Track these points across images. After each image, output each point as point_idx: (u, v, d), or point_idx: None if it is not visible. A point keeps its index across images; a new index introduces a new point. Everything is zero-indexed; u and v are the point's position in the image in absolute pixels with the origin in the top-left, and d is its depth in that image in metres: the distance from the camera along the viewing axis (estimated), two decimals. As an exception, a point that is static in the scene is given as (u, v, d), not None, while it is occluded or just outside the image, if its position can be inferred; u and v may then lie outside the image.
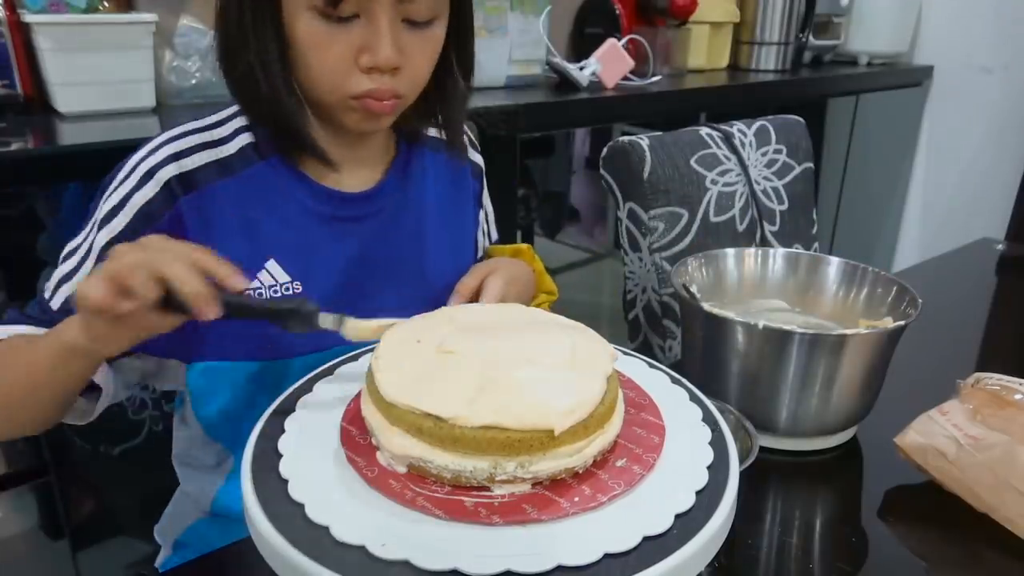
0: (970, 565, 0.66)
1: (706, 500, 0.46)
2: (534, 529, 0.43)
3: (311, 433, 0.52)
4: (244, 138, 0.71)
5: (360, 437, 0.51)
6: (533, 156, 2.21)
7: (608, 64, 1.75)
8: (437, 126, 0.81)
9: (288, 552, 0.41)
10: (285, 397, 0.56)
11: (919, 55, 2.46)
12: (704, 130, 1.33)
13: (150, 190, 0.67)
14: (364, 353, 0.63)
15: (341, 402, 0.55)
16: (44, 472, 1.21)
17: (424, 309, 0.59)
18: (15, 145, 1.00)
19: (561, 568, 0.40)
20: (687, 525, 0.44)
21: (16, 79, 1.18)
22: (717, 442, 0.52)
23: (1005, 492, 0.67)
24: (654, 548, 0.42)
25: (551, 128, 1.88)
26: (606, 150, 1.25)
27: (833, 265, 0.92)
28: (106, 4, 1.21)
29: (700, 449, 0.51)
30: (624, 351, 0.63)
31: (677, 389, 0.59)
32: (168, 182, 0.67)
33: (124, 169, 0.69)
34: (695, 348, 0.83)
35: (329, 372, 0.60)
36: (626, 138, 1.22)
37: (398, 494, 0.45)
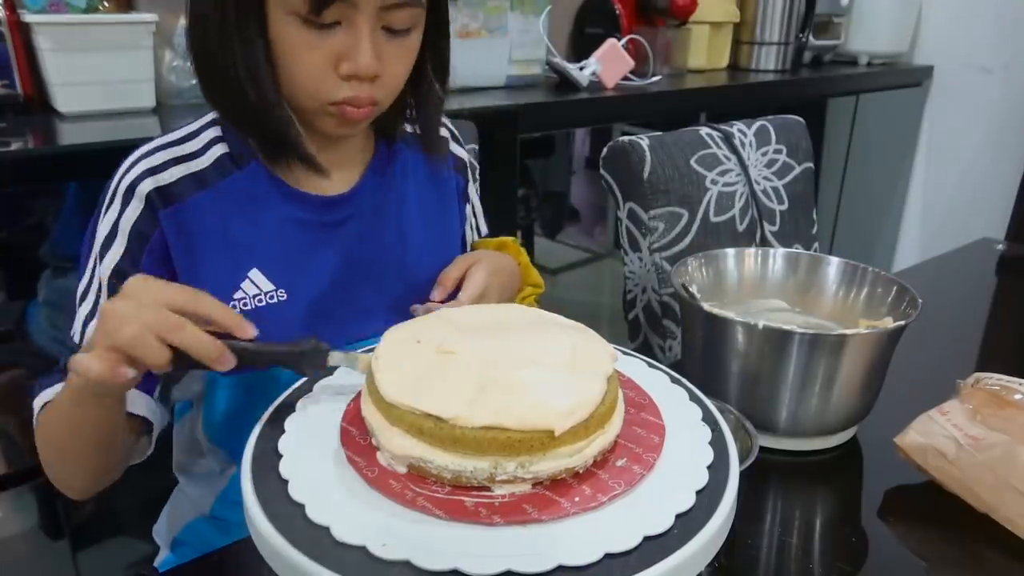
0: (970, 565, 0.66)
1: (706, 500, 0.46)
2: (534, 529, 0.43)
3: (311, 433, 0.52)
4: (218, 149, 0.71)
5: (360, 437, 0.51)
6: (533, 156, 2.21)
7: (608, 64, 1.75)
8: (412, 123, 0.80)
9: (288, 552, 0.41)
10: (285, 398, 0.56)
11: (919, 55, 2.45)
12: (704, 130, 1.33)
13: (135, 208, 0.67)
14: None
15: (341, 403, 0.55)
16: (44, 472, 1.21)
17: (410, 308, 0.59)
18: (15, 145, 1.00)
19: (562, 568, 0.40)
20: (687, 525, 0.44)
21: (16, 79, 1.18)
22: (717, 442, 0.52)
23: (1005, 492, 0.67)
24: (655, 548, 0.42)
25: (551, 128, 1.88)
26: (606, 150, 1.25)
27: (833, 265, 0.92)
28: (106, 4, 1.21)
29: (700, 449, 0.51)
30: (624, 351, 0.63)
31: (677, 389, 0.59)
32: (149, 195, 0.67)
33: (107, 195, 0.69)
34: (695, 348, 0.83)
35: (328, 373, 0.60)
36: (626, 138, 1.22)
37: (398, 494, 0.45)
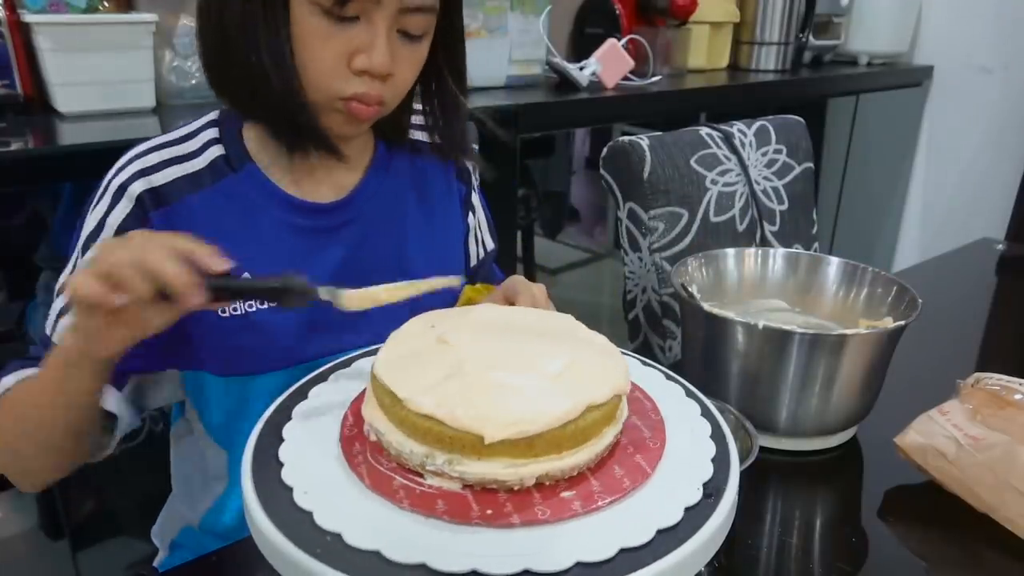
0: (970, 565, 0.66)
1: (711, 492, 0.47)
2: (547, 529, 0.43)
3: (311, 433, 0.52)
4: (215, 151, 0.70)
5: (360, 441, 0.51)
6: (533, 156, 2.21)
7: (608, 64, 1.75)
8: (430, 131, 0.79)
9: (297, 555, 0.41)
10: (283, 400, 0.56)
11: (919, 55, 2.45)
12: (704, 130, 1.33)
13: (123, 208, 0.67)
14: (357, 359, 0.62)
15: (341, 404, 0.55)
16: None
17: (408, 312, 0.59)
18: (15, 145, 1.00)
19: (580, 565, 0.41)
20: (694, 519, 0.44)
21: (16, 79, 1.18)
22: (716, 435, 0.53)
23: (1005, 492, 0.67)
24: (667, 540, 0.43)
25: (551, 128, 1.88)
26: (606, 150, 1.25)
27: (833, 265, 0.92)
28: (106, 4, 1.21)
29: (702, 442, 0.52)
30: (623, 351, 0.63)
31: (672, 385, 0.60)
32: (140, 196, 0.67)
33: (97, 192, 0.69)
34: (695, 348, 0.83)
35: (326, 376, 0.60)
36: (626, 138, 1.22)
37: (406, 497, 0.45)
